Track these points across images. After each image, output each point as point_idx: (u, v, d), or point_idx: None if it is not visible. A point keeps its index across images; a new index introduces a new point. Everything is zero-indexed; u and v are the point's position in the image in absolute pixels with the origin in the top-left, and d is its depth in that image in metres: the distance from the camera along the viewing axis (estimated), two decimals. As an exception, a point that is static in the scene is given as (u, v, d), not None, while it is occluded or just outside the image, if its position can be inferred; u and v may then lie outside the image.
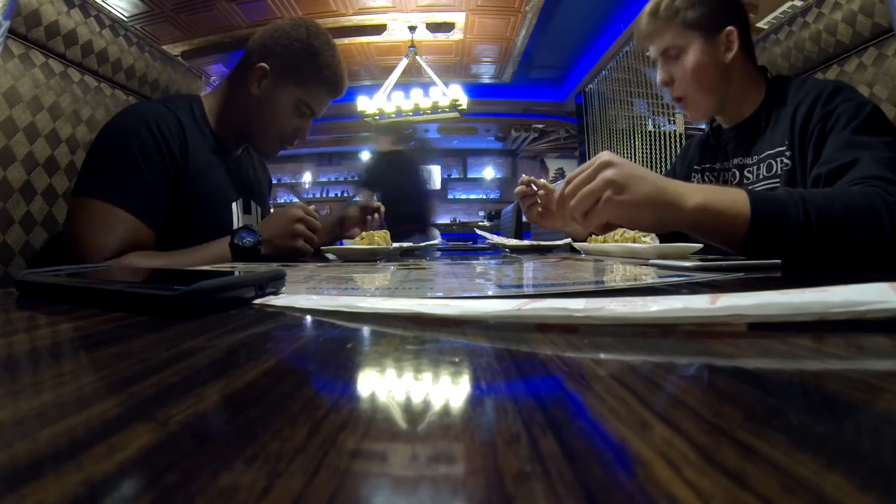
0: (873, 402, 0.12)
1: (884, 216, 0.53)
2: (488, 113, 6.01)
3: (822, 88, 0.72)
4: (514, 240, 1.34)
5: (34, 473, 0.08)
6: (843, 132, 0.66)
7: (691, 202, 0.55)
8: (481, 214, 7.51)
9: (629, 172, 0.56)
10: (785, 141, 0.75)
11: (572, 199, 0.59)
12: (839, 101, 0.69)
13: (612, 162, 0.57)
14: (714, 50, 0.80)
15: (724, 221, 0.55)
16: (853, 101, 0.68)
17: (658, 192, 0.56)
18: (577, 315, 0.20)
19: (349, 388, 0.14)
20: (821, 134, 0.69)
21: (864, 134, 0.65)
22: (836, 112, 0.68)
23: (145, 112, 0.78)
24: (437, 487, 0.08)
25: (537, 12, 3.95)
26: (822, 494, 0.07)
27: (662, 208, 0.55)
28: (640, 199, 0.55)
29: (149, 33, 3.75)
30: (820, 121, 0.69)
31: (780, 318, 0.18)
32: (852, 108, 0.67)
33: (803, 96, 0.74)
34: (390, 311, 0.24)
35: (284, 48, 0.86)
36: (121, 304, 0.27)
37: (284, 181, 7.74)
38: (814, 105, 0.71)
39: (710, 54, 0.80)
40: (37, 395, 0.13)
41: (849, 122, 0.66)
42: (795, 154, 0.73)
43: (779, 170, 0.76)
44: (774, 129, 0.78)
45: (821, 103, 0.70)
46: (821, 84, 0.74)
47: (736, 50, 0.80)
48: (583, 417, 0.12)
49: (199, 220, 0.83)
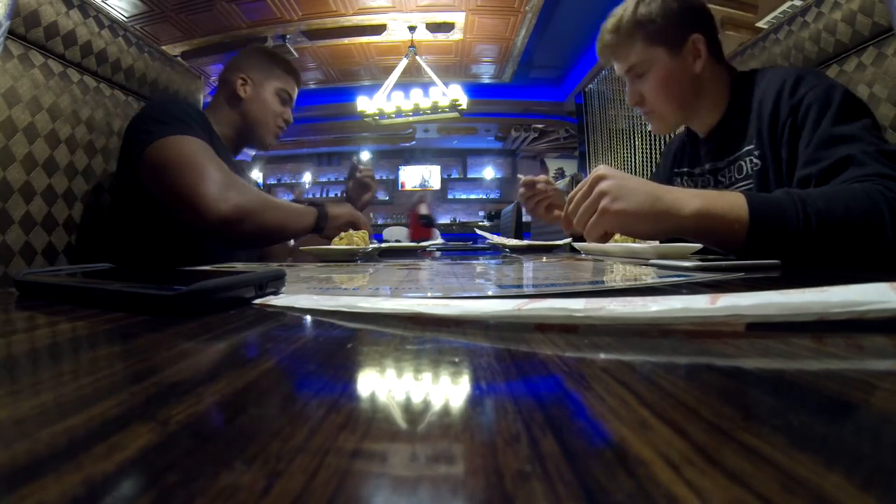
0: (873, 402, 0.12)
1: (886, 214, 0.52)
2: (488, 113, 6.01)
3: (783, 79, 0.68)
4: (514, 240, 1.34)
5: (34, 473, 0.08)
6: (819, 125, 0.63)
7: (688, 209, 0.55)
8: (481, 214, 7.51)
9: (622, 183, 0.57)
10: (752, 140, 0.73)
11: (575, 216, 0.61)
12: (805, 90, 0.65)
13: (607, 175, 0.58)
14: (682, 62, 0.78)
15: (723, 227, 0.54)
16: (820, 87, 0.65)
17: (653, 201, 0.56)
18: (577, 315, 0.20)
19: (349, 388, 0.14)
20: (793, 129, 0.65)
21: (841, 123, 0.62)
22: (805, 102, 0.64)
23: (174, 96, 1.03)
24: (437, 487, 0.08)
25: (537, 12, 3.95)
26: (822, 494, 0.07)
27: (659, 216, 0.56)
28: (635, 209, 0.56)
29: (149, 33, 3.75)
30: (789, 114, 0.66)
31: (779, 318, 0.18)
32: (822, 96, 0.64)
33: (765, 88, 0.71)
34: (390, 311, 0.24)
35: (250, 58, 1.08)
36: (121, 304, 0.27)
37: (284, 181, 7.74)
38: (778, 98, 0.68)
39: (679, 67, 0.78)
40: (36, 395, 0.13)
41: (821, 112, 0.63)
42: (766, 152, 0.70)
43: (749, 170, 0.74)
44: (741, 128, 0.76)
45: (786, 95, 0.67)
46: (781, 73, 0.70)
47: (704, 57, 0.77)
48: (583, 417, 0.12)
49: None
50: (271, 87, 1.07)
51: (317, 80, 5.29)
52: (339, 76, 5.25)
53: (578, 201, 0.60)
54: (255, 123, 1.07)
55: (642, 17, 0.78)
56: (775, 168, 0.70)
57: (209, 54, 4.30)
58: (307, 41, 4.32)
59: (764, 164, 0.71)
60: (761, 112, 0.71)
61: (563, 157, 6.78)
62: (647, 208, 0.56)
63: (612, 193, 0.57)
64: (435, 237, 4.01)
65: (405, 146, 7.46)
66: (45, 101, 0.80)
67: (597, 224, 0.58)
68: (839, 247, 0.53)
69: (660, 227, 0.57)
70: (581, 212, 0.60)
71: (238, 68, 1.06)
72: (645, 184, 0.58)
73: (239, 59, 1.10)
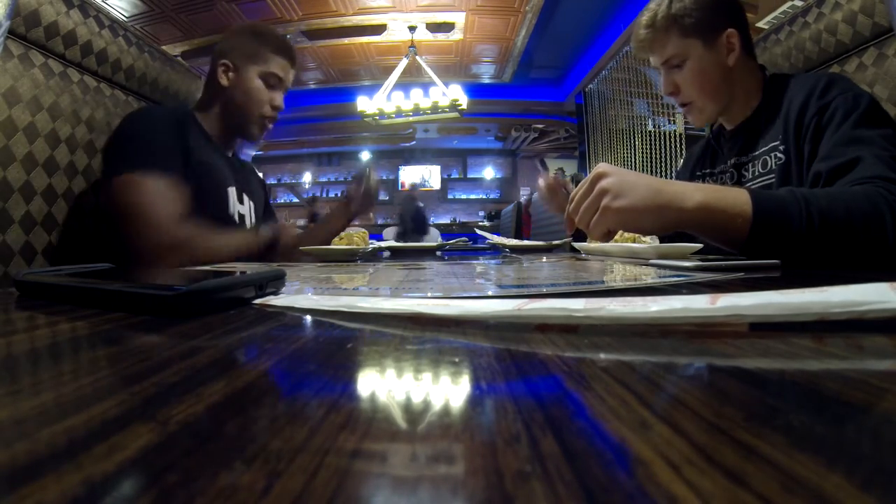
0: (873, 402, 0.12)
1: (887, 217, 0.52)
2: (488, 113, 6.01)
3: (816, 81, 0.71)
4: (514, 240, 1.34)
5: (34, 473, 0.08)
6: (841, 126, 0.65)
7: (692, 201, 0.55)
8: (481, 214, 7.51)
9: (623, 180, 0.57)
10: (779, 136, 0.74)
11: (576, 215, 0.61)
12: (835, 94, 0.68)
13: (607, 172, 0.58)
14: (716, 54, 0.80)
15: (726, 220, 0.54)
16: (850, 93, 0.67)
17: (654, 194, 0.56)
18: (577, 315, 0.20)
19: (349, 388, 0.14)
20: (817, 127, 0.68)
21: (862, 127, 0.63)
22: (833, 105, 0.67)
23: (155, 109, 0.95)
24: (437, 487, 0.08)
25: (537, 12, 3.95)
26: (822, 494, 0.07)
27: (662, 210, 0.56)
28: (637, 204, 0.56)
29: (149, 33, 3.75)
30: (816, 114, 0.68)
31: (779, 318, 0.18)
32: (850, 101, 0.66)
33: (797, 90, 0.73)
34: (390, 311, 0.24)
35: (235, 42, 1.00)
36: (121, 304, 0.27)
37: (284, 181, 7.74)
38: (808, 98, 0.70)
39: (713, 59, 0.80)
40: (36, 395, 0.13)
41: (846, 115, 0.65)
42: (790, 148, 0.72)
43: (773, 165, 0.75)
44: (771, 126, 0.77)
45: (816, 96, 0.69)
46: (816, 77, 0.73)
47: (738, 51, 0.79)
48: (583, 417, 0.12)
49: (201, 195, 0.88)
50: (255, 71, 0.98)
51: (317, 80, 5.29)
52: (339, 76, 5.25)
53: (579, 200, 0.60)
54: (239, 113, 0.99)
55: (677, 11, 0.80)
56: (797, 164, 0.71)
57: (209, 54, 4.29)
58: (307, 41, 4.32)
59: (787, 158, 0.73)
60: (790, 110, 0.73)
61: (563, 157, 6.78)
62: (649, 202, 0.56)
63: (612, 191, 0.57)
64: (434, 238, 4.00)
65: (405, 146, 7.46)
66: (45, 101, 0.80)
67: (599, 222, 0.58)
68: (840, 247, 0.53)
69: (662, 221, 0.57)
70: (583, 211, 0.60)
71: (220, 53, 0.99)
72: (645, 178, 0.58)
73: (222, 43, 1.02)
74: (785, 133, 0.73)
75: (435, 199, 7.59)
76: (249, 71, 0.98)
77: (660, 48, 0.83)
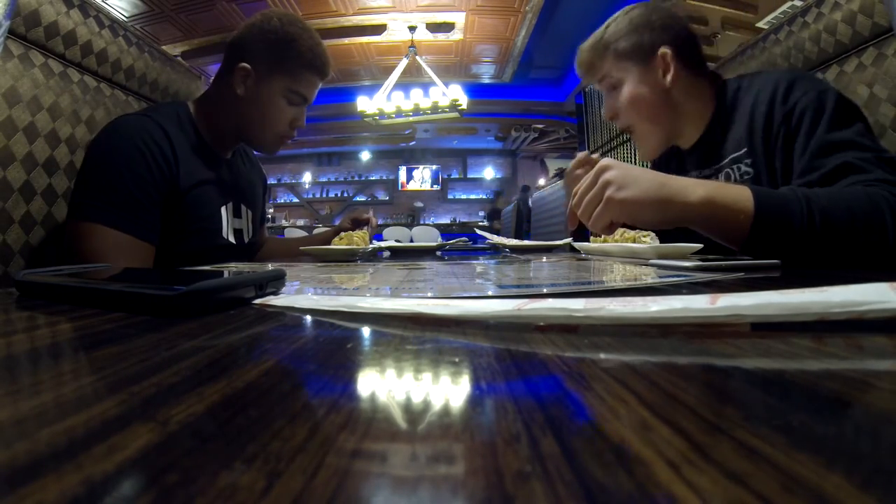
0: (873, 402, 0.12)
1: (888, 218, 0.52)
2: (488, 113, 6.02)
3: (775, 83, 0.68)
4: (514, 240, 1.34)
5: (34, 473, 0.08)
6: (814, 133, 0.62)
7: (695, 195, 0.55)
8: (481, 214, 7.52)
9: (627, 172, 0.57)
10: (743, 147, 0.72)
11: (579, 209, 0.61)
12: (798, 95, 0.65)
13: (611, 165, 0.58)
14: (651, 76, 0.78)
15: (728, 216, 0.54)
16: (812, 92, 0.64)
17: (658, 187, 0.56)
18: (577, 315, 0.20)
19: (349, 388, 0.14)
20: (787, 136, 0.65)
21: (836, 129, 0.62)
22: (798, 109, 0.64)
23: (130, 128, 0.76)
24: (437, 487, 0.08)
25: (537, 12, 3.95)
26: (822, 494, 0.07)
27: (665, 203, 0.56)
28: (640, 196, 0.56)
29: (149, 33, 3.75)
30: (783, 122, 0.66)
31: (779, 318, 0.18)
32: (814, 101, 0.63)
33: (756, 94, 0.70)
34: (390, 311, 0.24)
35: (261, 43, 0.84)
36: (121, 304, 0.27)
37: (284, 181, 7.74)
38: (772, 104, 0.67)
39: (649, 81, 0.78)
40: (36, 395, 0.13)
41: (815, 119, 0.63)
42: (759, 160, 0.70)
43: (737, 178, 0.73)
44: (730, 135, 0.75)
45: (779, 101, 0.66)
46: (773, 77, 0.70)
47: (674, 71, 0.76)
48: (583, 417, 0.12)
49: (190, 224, 0.82)
50: (278, 86, 0.84)
51: (317, 80, 5.30)
52: (339, 76, 5.26)
53: (583, 193, 0.60)
54: (251, 128, 0.87)
55: (610, 37, 0.81)
56: (769, 176, 0.69)
57: (209, 54, 4.30)
58: (307, 41, 4.32)
59: (757, 171, 0.71)
60: (754, 119, 0.70)
61: (563, 157, 6.78)
62: (653, 195, 0.55)
63: (616, 182, 0.57)
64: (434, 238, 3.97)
65: (405, 146, 7.46)
66: (45, 101, 0.80)
67: (602, 214, 0.58)
68: (841, 246, 0.53)
69: (665, 215, 0.56)
70: (586, 202, 0.59)
71: (240, 50, 0.84)
72: (650, 172, 0.58)
73: (244, 35, 0.85)
74: (751, 144, 0.71)
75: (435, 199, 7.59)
76: (272, 85, 0.84)
77: (598, 71, 0.84)
